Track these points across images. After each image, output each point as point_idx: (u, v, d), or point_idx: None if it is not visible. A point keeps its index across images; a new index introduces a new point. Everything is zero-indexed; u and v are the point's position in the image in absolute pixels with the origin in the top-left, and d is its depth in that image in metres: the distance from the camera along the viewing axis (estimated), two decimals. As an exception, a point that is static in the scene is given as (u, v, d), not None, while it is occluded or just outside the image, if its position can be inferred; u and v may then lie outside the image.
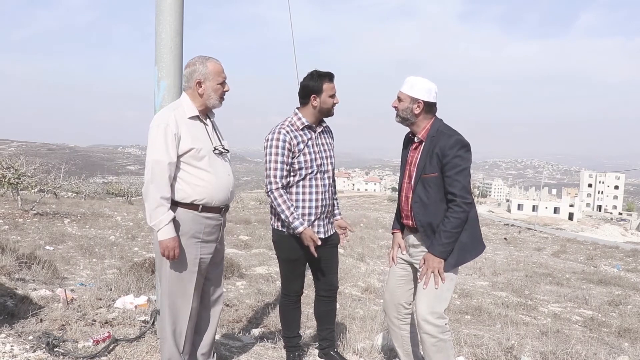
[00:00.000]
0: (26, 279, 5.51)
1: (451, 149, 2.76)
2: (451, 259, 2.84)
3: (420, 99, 2.84)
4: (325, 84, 3.15)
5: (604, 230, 70.61)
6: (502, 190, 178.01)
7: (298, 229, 3.08)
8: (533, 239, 32.77)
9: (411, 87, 2.86)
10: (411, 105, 2.86)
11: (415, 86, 2.86)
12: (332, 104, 3.20)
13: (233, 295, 6.58)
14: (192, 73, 2.78)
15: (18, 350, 3.16)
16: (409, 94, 2.86)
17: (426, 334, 2.86)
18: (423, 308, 2.86)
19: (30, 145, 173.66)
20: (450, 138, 2.80)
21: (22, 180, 15.36)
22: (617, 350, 5.59)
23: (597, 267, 18.07)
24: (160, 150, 2.67)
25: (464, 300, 8.30)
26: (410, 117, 2.89)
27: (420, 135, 2.91)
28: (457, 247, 2.83)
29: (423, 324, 2.86)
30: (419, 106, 2.85)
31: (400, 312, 3.13)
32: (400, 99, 2.90)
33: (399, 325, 3.15)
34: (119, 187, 34.11)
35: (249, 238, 13.04)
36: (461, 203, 2.75)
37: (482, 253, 3.01)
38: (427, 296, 2.87)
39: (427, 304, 2.85)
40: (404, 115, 2.90)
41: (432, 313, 2.84)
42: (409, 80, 2.89)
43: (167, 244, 2.67)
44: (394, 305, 3.14)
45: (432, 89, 2.87)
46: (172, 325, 2.84)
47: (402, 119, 2.93)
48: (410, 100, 2.86)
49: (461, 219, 2.77)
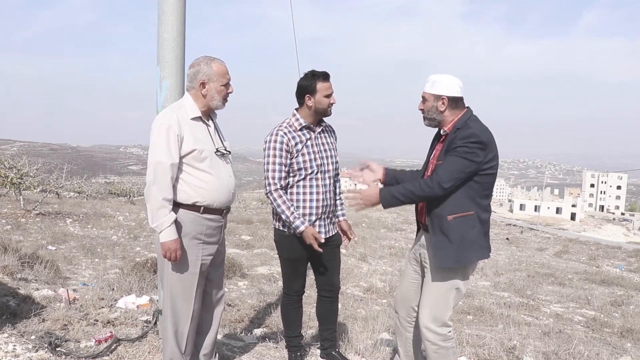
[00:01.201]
0: (28, 279, 5.52)
1: (462, 139, 2.67)
2: (450, 256, 2.72)
3: (444, 95, 2.76)
4: (319, 83, 3.11)
5: (606, 230, 70.49)
6: (504, 190, 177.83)
7: (299, 228, 3.08)
8: (535, 239, 32.71)
9: (432, 84, 2.79)
10: (435, 104, 2.79)
11: (436, 83, 2.79)
12: (328, 104, 3.15)
13: (235, 295, 6.58)
14: (196, 73, 2.77)
15: (20, 350, 3.17)
16: (432, 92, 2.79)
17: (428, 342, 2.81)
18: (425, 315, 2.81)
19: (33, 145, 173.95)
20: (468, 130, 2.70)
21: (24, 180, 15.39)
22: (620, 351, 5.58)
23: (599, 267, 18.03)
24: (162, 152, 2.66)
25: (466, 300, 8.29)
26: (436, 116, 2.81)
27: (446, 128, 2.81)
28: (460, 244, 2.72)
29: (425, 331, 2.81)
30: (444, 102, 2.77)
31: (411, 314, 3.08)
32: (425, 99, 2.82)
33: (406, 327, 3.11)
34: (121, 187, 34.15)
35: (251, 238, 13.04)
36: (437, 180, 2.64)
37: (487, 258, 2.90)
38: (430, 303, 2.81)
39: (430, 311, 2.80)
40: (430, 115, 2.82)
41: (435, 321, 2.79)
42: (430, 79, 2.82)
43: (169, 245, 2.66)
44: (405, 307, 3.09)
45: (455, 83, 2.79)
46: (174, 326, 2.84)
47: (429, 120, 2.84)
48: (434, 98, 2.79)
49: (425, 192, 2.66)
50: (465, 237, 2.72)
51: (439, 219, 2.75)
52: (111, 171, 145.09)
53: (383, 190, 2.77)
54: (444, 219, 2.73)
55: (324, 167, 3.22)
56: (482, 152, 2.67)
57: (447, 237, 2.73)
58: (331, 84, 3.15)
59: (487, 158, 2.70)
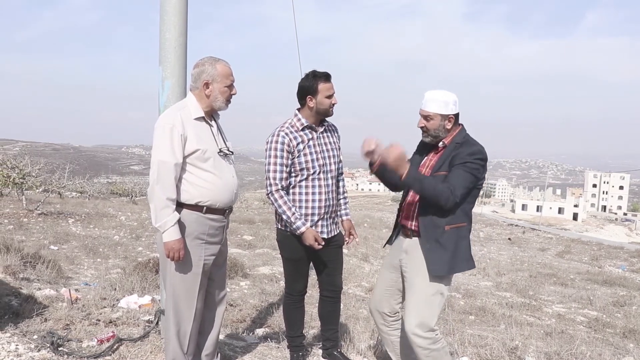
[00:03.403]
0: (31, 279, 5.53)
1: (469, 155, 2.75)
2: (446, 264, 2.79)
3: (451, 114, 2.83)
4: (321, 84, 3.10)
5: (608, 230, 70.36)
6: (506, 190, 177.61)
7: (300, 229, 3.08)
8: (537, 239, 32.67)
9: (438, 105, 2.81)
10: (443, 122, 2.83)
11: (442, 102, 2.81)
12: (329, 104, 3.15)
13: (237, 295, 6.58)
14: (200, 74, 2.77)
15: (23, 350, 3.18)
16: (439, 112, 2.81)
17: (419, 347, 2.82)
18: (412, 322, 2.82)
19: (35, 145, 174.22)
20: (473, 147, 2.79)
21: (26, 180, 15.41)
22: (622, 351, 5.57)
23: (601, 267, 17.99)
24: (166, 151, 2.66)
25: (467, 300, 8.28)
26: (442, 134, 2.87)
27: (446, 141, 2.88)
28: (454, 254, 2.80)
29: (413, 337, 2.81)
30: (450, 121, 2.84)
31: (386, 319, 3.12)
32: (430, 118, 2.84)
33: (386, 332, 3.15)
34: (123, 187, 34.18)
35: (253, 238, 13.04)
36: (451, 192, 2.66)
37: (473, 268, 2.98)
38: (415, 309, 2.83)
39: (416, 317, 2.82)
40: (436, 133, 2.86)
41: (421, 326, 2.80)
42: (433, 97, 2.82)
43: (172, 245, 2.66)
44: (378, 313, 3.14)
45: (456, 100, 2.84)
46: (176, 326, 2.84)
47: (433, 137, 2.88)
48: (441, 118, 2.82)
49: (437, 194, 2.67)
50: (458, 247, 2.82)
51: (436, 228, 2.81)
52: (113, 171, 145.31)
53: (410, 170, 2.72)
54: (441, 229, 2.80)
55: (326, 167, 3.22)
56: (484, 169, 2.81)
57: (442, 246, 2.80)
58: (332, 85, 3.14)
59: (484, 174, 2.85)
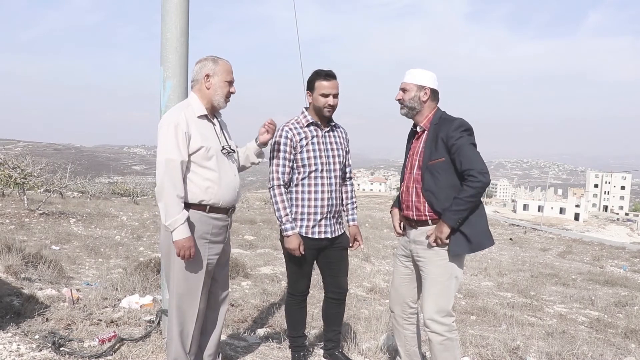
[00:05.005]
0: (32, 279, 5.54)
1: (455, 131, 2.78)
2: (468, 243, 2.79)
3: (427, 86, 2.89)
4: (318, 82, 3.10)
5: (610, 230, 70.25)
6: (507, 190, 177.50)
7: (287, 232, 3.08)
8: (539, 240, 32.62)
9: (414, 76, 2.91)
10: (419, 93, 2.90)
11: (418, 75, 2.91)
12: (324, 103, 3.11)
13: (238, 295, 6.58)
14: (202, 67, 2.80)
15: (24, 349, 3.18)
16: (415, 83, 2.90)
17: (434, 333, 2.85)
18: (430, 307, 2.86)
19: (37, 146, 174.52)
20: (453, 122, 2.82)
21: (28, 180, 15.42)
22: (624, 352, 5.56)
23: (603, 267, 17.94)
24: (172, 149, 2.66)
25: (469, 300, 8.27)
26: (417, 106, 2.92)
27: (422, 124, 2.94)
28: (478, 230, 2.81)
29: (430, 323, 2.85)
30: (426, 93, 2.90)
31: (406, 310, 3.13)
32: (406, 90, 2.93)
33: (403, 325, 3.15)
34: (125, 187, 34.18)
35: (254, 238, 13.04)
36: (476, 173, 2.70)
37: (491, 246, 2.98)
38: (433, 295, 2.86)
39: (434, 302, 2.85)
40: (411, 104, 2.92)
41: (439, 312, 2.84)
42: (410, 72, 2.94)
43: (182, 243, 2.66)
44: (399, 304, 3.14)
45: (434, 76, 2.93)
46: (179, 326, 2.84)
47: (408, 109, 2.94)
48: (417, 88, 2.90)
49: (477, 188, 2.71)
50: (478, 225, 2.82)
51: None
52: (115, 171, 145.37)
53: (447, 217, 2.77)
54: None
55: (329, 166, 3.21)
56: (473, 136, 2.83)
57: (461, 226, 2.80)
58: (333, 85, 3.11)
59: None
